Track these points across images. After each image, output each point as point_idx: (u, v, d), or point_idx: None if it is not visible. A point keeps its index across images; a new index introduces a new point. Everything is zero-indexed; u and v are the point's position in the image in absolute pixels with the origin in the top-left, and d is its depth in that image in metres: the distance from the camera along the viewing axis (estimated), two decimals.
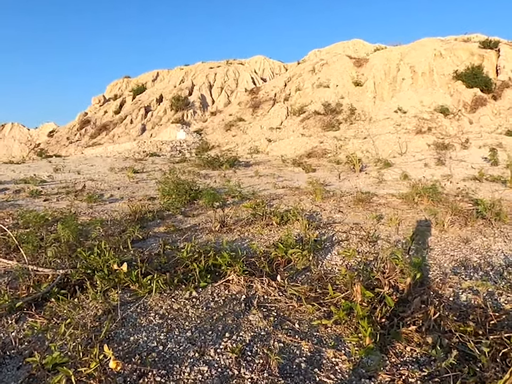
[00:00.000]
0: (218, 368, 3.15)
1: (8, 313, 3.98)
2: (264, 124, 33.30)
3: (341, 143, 23.83)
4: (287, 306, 4.15)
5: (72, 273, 4.64)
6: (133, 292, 4.40)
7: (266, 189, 11.27)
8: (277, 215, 7.34)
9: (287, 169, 16.88)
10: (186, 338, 3.57)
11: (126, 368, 3.13)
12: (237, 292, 4.48)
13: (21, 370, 3.13)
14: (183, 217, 7.87)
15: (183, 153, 26.03)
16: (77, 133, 47.36)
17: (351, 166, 16.37)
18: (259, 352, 3.36)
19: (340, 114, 30.46)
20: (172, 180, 10.10)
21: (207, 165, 17.21)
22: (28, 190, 10.48)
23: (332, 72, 35.88)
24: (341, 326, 3.71)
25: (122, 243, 5.83)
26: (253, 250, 5.66)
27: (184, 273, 4.82)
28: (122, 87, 56.80)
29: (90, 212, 8.14)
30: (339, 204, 8.86)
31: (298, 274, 4.98)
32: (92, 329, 3.65)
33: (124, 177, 13.65)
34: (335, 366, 3.21)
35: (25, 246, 5.38)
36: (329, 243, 6.20)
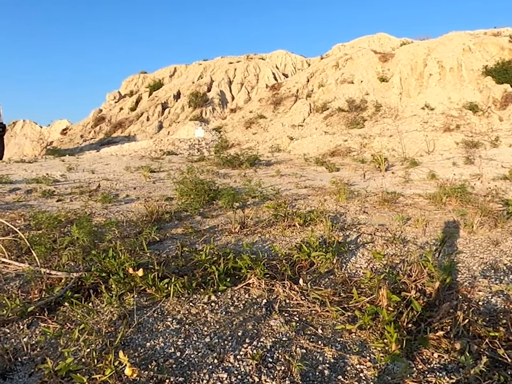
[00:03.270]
0: (238, 376, 3.01)
1: (19, 318, 3.86)
2: (285, 121, 33.08)
3: (365, 141, 23.56)
4: (310, 311, 4.00)
5: (86, 277, 4.50)
6: (150, 296, 4.27)
7: (288, 189, 11.13)
8: (299, 216, 7.17)
9: (309, 168, 16.66)
10: (205, 344, 3.43)
11: (142, 376, 3.01)
12: (258, 295, 4.34)
13: (33, 377, 3.00)
14: (201, 218, 7.72)
15: (202, 151, 25.74)
16: (91, 130, 47.27)
17: (377, 165, 16.19)
18: (280, 359, 3.22)
19: (364, 111, 30.20)
20: (190, 180, 9.96)
21: (226, 164, 16.96)
22: (40, 190, 10.36)
23: (356, 68, 35.66)
24: (365, 332, 3.57)
25: (138, 245, 5.67)
26: (275, 253, 5.52)
27: (203, 276, 4.69)
28: (138, 83, 56.54)
29: (105, 213, 8.00)
30: (364, 204, 8.72)
31: (321, 278, 4.83)
32: (107, 335, 3.52)
33: (140, 177, 13.51)
34: (360, 373, 3.06)
35: (38, 248, 5.23)
36: (353, 245, 6.05)
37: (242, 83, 48.12)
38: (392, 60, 34.71)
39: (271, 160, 19.99)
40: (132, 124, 44.54)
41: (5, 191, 10.43)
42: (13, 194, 10.05)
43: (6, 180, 11.84)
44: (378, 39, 56.23)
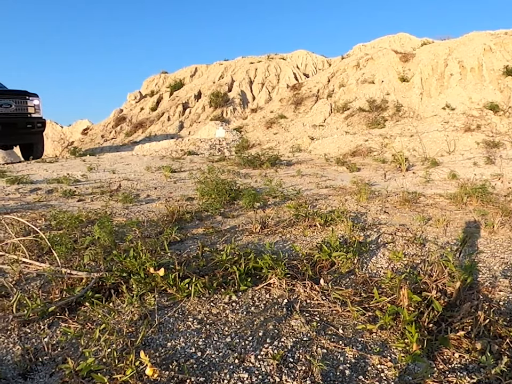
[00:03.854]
0: (259, 375, 3.01)
1: (40, 318, 3.87)
2: (306, 121, 32.92)
3: (386, 141, 23.37)
4: (331, 310, 4.00)
5: (107, 277, 4.52)
6: (170, 296, 4.27)
7: (309, 189, 11.06)
8: (320, 216, 7.13)
9: (330, 168, 16.55)
10: (225, 344, 3.43)
11: (163, 376, 3.01)
12: (279, 295, 4.34)
13: (54, 377, 3.01)
14: (222, 218, 7.69)
15: (223, 151, 25.56)
16: (112, 130, 47.20)
17: (397, 165, 16.10)
18: (301, 359, 3.21)
19: (385, 111, 30.02)
20: (210, 180, 9.93)
21: (247, 164, 16.82)
22: (60, 190, 10.31)
23: (377, 68, 35.52)
24: (386, 332, 3.58)
25: (159, 245, 5.67)
26: (295, 253, 5.52)
27: (224, 276, 4.68)
28: (159, 83, 56.30)
29: (126, 213, 7.98)
30: (385, 204, 8.69)
31: (342, 278, 4.83)
32: (128, 335, 3.54)
33: (160, 177, 13.45)
34: (381, 373, 3.06)
35: (58, 248, 5.25)
36: (374, 245, 6.04)
37: (263, 83, 47.96)
38: (413, 59, 34.52)
39: (292, 160, 19.86)
40: (152, 124, 44.49)
41: (25, 191, 10.45)
42: (34, 194, 10.07)
43: (26, 180, 11.85)
44: (399, 39, 56.02)
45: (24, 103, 19.98)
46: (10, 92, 20.11)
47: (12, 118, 19.40)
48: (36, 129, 20.99)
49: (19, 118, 19.91)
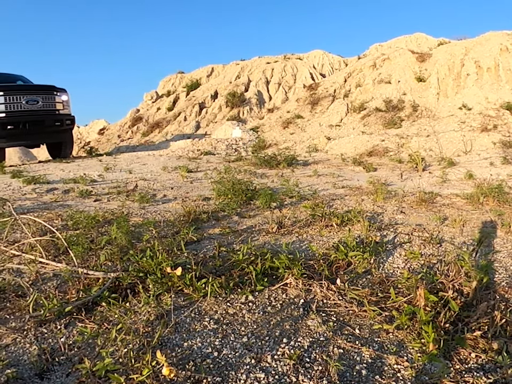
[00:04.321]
0: (275, 375, 3.01)
1: (57, 318, 3.87)
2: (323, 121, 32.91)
3: (403, 141, 23.30)
4: (347, 310, 4.00)
5: (123, 277, 4.53)
6: (187, 296, 4.27)
7: (325, 189, 11.03)
8: (337, 216, 7.13)
9: (347, 168, 16.52)
10: (242, 344, 3.43)
11: (180, 375, 3.01)
12: (295, 295, 4.33)
13: (70, 377, 3.01)
14: (239, 218, 7.67)
15: (239, 151, 25.44)
16: (129, 130, 47.32)
17: (414, 165, 16.00)
18: (318, 359, 3.21)
19: (401, 111, 29.98)
20: (227, 180, 9.94)
21: (264, 164, 16.75)
22: (77, 190, 10.30)
23: (394, 68, 35.46)
24: (403, 331, 3.57)
25: (175, 245, 5.67)
26: (312, 253, 5.51)
27: (240, 276, 4.69)
28: (175, 83, 56.39)
29: (142, 213, 7.98)
30: (401, 204, 8.66)
31: (358, 278, 4.82)
32: (144, 335, 3.54)
33: (177, 177, 13.40)
34: (397, 373, 3.06)
35: (75, 248, 5.27)
36: (390, 245, 6.02)
37: (280, 83, 47.85)
38: (429, 60, 34.45)
39: (309, 160, 19.78)
40: (169, 124, 44.54)
41: (42, 191, 10.45)
42: (50, 194, 10.07)
43: (43, 180, 11.83)
44: (416, 39, 55.86)
45: (52, 99, 18.87)
46: (36, 87, 19.34)
47: (39, 115, 18.36)
48: (65, 127, 19.85)
49: (46, 115, 18.82)
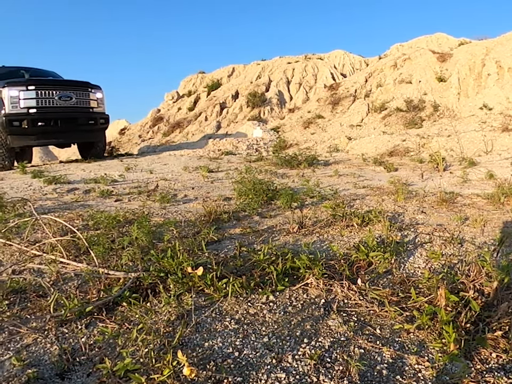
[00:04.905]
0: (296, 375, 3.01)
1: (77, 318, 3.89)
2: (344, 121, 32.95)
3: (423, 141, 23.14)
4: (368, 310, 4.00)
5: (144, 277, 4.54)
6: (208, 296, 4.28)
7: (346, 189, 11.01)
8: (357, 216, 7.11)
9: (368, 168, 16.48)
10: (263, 344, 3.43)
11: (201, 376, 3.01)
12: (316, 295, 4.33)
13: (91, 377, 3.02)
14: (259, 218, 7.68)
15: (260, 151, 25.51)
16: (149, 130, 47.48)
17: (435, 165, 15.92)
18: (339, 359, 3.21)
19: (422, 111, 29.93)
20: (248, 180, 9.97)
21: (284, 164, 16.74)
22: (98, 190, 10.34)
23: (415, 68, 35.43)
24: (424, 331, 3.56)
25: (196, 245, 5.70)
26: (333, 253, 5.51)
27: (261, 276, 4.68)
28: (196, 83, 56.39)
29: (163, 213, 8.00)
30: (422, 204, 8.63)
31: (379, 278, 4.82)
32: (165, 335, 3.55)
33: (198, 177, 13.44)
34: (418, 373, 3.05)
35: (96, 248, 5.30)
36: (411, 245, 6.01)
37: (301, 83, 47.72)
38: (450, 59, 34.38)
39: (329, 160, 19.78)
40: (190, 124, 44.60)
41: (63, 191, 10.50)
42: (71, 194, 10.13)
43: (64, 180, 11.90)
44: (437, 39, 55.52)
45: (86, 96, 17.99)
46: (70, 83, 18.35)
47: (72, 113, 17.50)
48: (99, 126, 18.89)
49: (80, 112, 17.94)
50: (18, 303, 4.21)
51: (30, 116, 16.27)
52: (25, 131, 16.40)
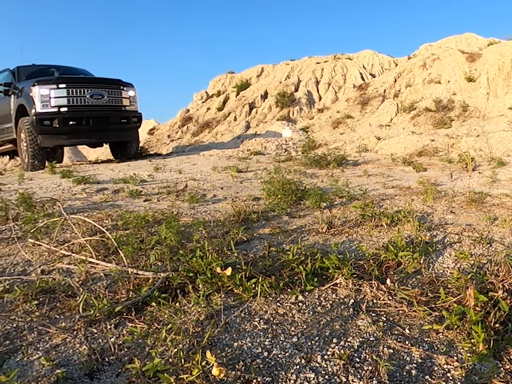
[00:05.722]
0: (325, 375, 3.00)
1: (106, 318, 3.90)
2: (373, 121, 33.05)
3: (452, 141, 23.07)
4: (397, 310, 3.98)
5: (173, 277, 4.54)
6: (237, 296, 4.27)
7: (375, 189, 10.93)
8: (386, 216, 7.07)
9: (397, 168, 16.40)
10: (292, 344, 3.41)
11: (230, 376, 3.00)
12: (345, 295, 4.31)
13: (120, 377, 3.02)
14: (288, 218, 7.62)
15: (289, 151, 25.34)
16: (179, 130, 47.88)
17: (464, 165, 15.75)
18: (368, 359, 3.20)
19: (451, 111, 29.95)
20: (277, 180, 9.84)
21: (313, 164, 16.61)
22: (127, 190, 10.34)
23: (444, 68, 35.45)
24: (453, 331, 3.54)
25: (225, 245, 5.67)
26: (361, 253, 5.50)
27: (290, 276, 4.66)
28: (225, 83, 56.89)
29: (192, 213, 7.96)
30: (451, 204, 8.54)
31: (408, 278, 4.79)
32: (194, 335, 3.54)
33: (227, 177, 13.39)
34: (447, 373, 3.03)
35: (125, 248, 5.31)
36: (440, 245, 5.97)
37: (330, 83, 47.89)
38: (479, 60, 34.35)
39: (358, 160, 19.66)
40: (219, 124, 44.87)
41: (92, 191, 10.54)
42: (100, 194, 10.16)
43: (93, 180, 11.93)
44: (466, 39, 55.39)
45: (118, 94, 17.55)
46: (102, 80, 17.91)
47: (104, 111, 17.04)
48: (131, 125, 18.45)
49: (112, 111, 17.48)
50: (47, 303, 4.23)
51: (61, 115, 15.89)
52: (56, 130, 16.05)
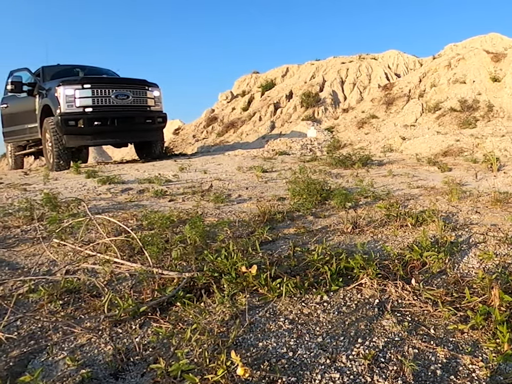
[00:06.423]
0: (350, 375, 2.99)
1: (132, 318, 3.90)
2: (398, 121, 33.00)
3: (477, 141, 22.83)
4: (422, 310, 3.95)
5: (198, 277, 4.54)
6: (262, 296, 4.26)
7: (400, 189, 10.85)
8: (411, 216, 7.03)
9: (422, 168, 16.21)
10: (317, 344, 3.40)
11: (255, 375, 2.99)
12: (370, 295, 4.29)
13: (145, 377, 3.02)
14: (313, 218, 7.57)
15: (314, 151, 25.17)
16: (204, 130, 47.98)
17: (489, 165, 15.55)
18: (393, 359, 3.19)
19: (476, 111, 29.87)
20: (302, 180, 9.83)
21: (338, 164, 16.49)
22: (152, 190, 10.33)
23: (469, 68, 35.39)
24: (478, 331, 3.51)
25: (250, 245, 5.62)
26: (387, 253, 5.46)
27: (315, 276, 4.63)
28: (250, 83, 56.99)
29: (217, 213, 7.95)
30: (476, 204, 8.48)
31: (433, 278, 4.75)
32: (219, 335, 3.53)
33: (252, 177, 13.34)
34: (472, 373, 3.01)
35: (150, 248, 5.30)
36: (465, 245, 5.93)
37: (355, 83, 47.92)
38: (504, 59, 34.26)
39: (383, 160, 19.60)
40: (244, 124, 44.94)
41: (117, 191, 10.58)
42: (125, 194, 10.20)
43: (118, 180, 11.96)
44: (491, 39, 55.05)
45: (143, 94, 17.57)
46: (127, 81, 17.93)
47: (129, 112, 17.12)
48: (156, 125, 18.40)
49: (137, 111, 17.56)
50: (72, 303, 4.25)
51: (86, 115, 15.92)
52: (81, 131, 16.10)
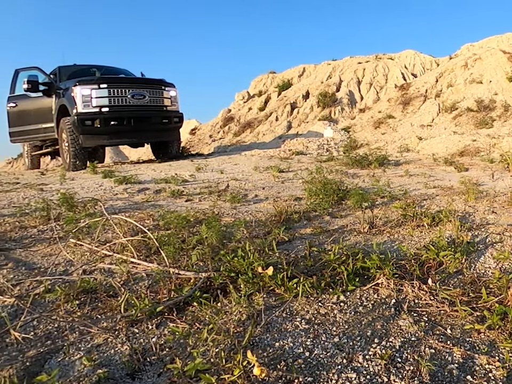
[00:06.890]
0: (367, 375, 2.98)
1: (148, 318, 3.89)
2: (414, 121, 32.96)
3: (494, 141, 22.83)
4: (439, 310, 3.94)
5: (215, 277, 4.52)
6: (278, 296, 4.25)
7: (416, 189, 10.78)
8: (428, 216, 6.99)
9: (438, 168, 16.12)
10: (333, 344, 3.39)
11: (271, 375, 2.98)
12: (386, 295, 4.28)
13: (162, 377, 3.01)
14: (330, 218, 7.55)
15: (331, 151, 25.20)
16: (220, 130, 48.05)
17: (505, 165, 15.49)
18: (409, 359, 3.17)
19: (493, 111, 29.77)
20: (318, 180, 9.86)
21: (355, 164, 16.40)
22: (168, 190, 10.31)
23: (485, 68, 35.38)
24: (494, 331, 3.49)
25: (267, 245, 5.57)
26: (403, 253, 5.42)
27: (332, 276, 4.61)
28: (267, 83, 56.98)
29: (233, 213, 7.93)
30: (492, 204, 8.42)
31: (450, 278, 4.74)
32: (235, 335, 3.51)
33: (268, 177, 13.30)
34: (488, 373, 2.99)
35: (166, 248, 5.27)
36: (482, 245, 5.90)
37: (371, 83, 47.89)
38: None
39: (400, 160, 19.49)
40: (260, 124, 44.93)
41: (133, 191, 10.57)
42: (142, 194, 10.18)
43: (134, 180, 11.96)
44: (507, 39, 54.73)
45: (160, 94, 17.50)
46: (143, 80, 18.05)
47: (145, 111, 17.12)
48: (172, 125, 18.32)
49: (153, 111, 17.51)
50: (88, 303, 4.26)
51: (102, 115, 15.92)
52: (97, 130, 16.10)
